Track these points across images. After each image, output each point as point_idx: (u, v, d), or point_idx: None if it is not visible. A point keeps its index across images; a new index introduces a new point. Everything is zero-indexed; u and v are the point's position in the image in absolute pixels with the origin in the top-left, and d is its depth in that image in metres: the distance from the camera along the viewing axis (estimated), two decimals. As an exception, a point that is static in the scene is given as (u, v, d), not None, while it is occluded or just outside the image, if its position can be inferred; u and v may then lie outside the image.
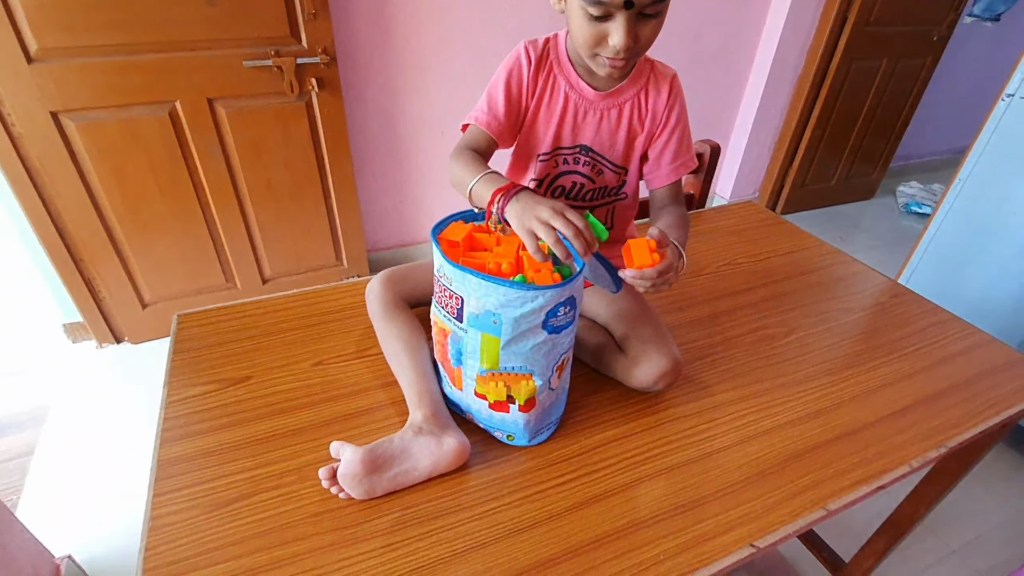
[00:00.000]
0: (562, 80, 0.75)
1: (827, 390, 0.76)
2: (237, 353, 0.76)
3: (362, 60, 1.78)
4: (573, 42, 0.71)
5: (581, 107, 0.76)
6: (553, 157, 0.78)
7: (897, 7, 2.44)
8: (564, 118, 0.76)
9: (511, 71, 0.75)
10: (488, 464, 0.64)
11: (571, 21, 0.67)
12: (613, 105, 0.76)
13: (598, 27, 0.64)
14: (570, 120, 0.76)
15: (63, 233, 1.58)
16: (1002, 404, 0.75)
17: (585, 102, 0.75)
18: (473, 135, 0.75)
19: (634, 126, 0.78)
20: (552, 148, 0.77)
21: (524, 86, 0.75)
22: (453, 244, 0.61)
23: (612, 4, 0.61)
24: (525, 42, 0.75)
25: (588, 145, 0.78)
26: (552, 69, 0.75)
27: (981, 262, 1.64)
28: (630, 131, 0.78)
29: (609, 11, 0.62)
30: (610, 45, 0.64)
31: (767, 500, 0.61)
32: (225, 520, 0.56)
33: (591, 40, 0.65)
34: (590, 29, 0.64)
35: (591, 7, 0.62)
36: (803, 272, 1.01)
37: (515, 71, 0.74)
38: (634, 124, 0.78)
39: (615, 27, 0.63)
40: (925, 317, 0.91)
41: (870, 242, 2.77)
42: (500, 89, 0.74)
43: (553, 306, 0.56)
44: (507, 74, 0.75)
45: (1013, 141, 1.51)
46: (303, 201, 1.83)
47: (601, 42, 0.65)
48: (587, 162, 0.79)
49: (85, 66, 1.39)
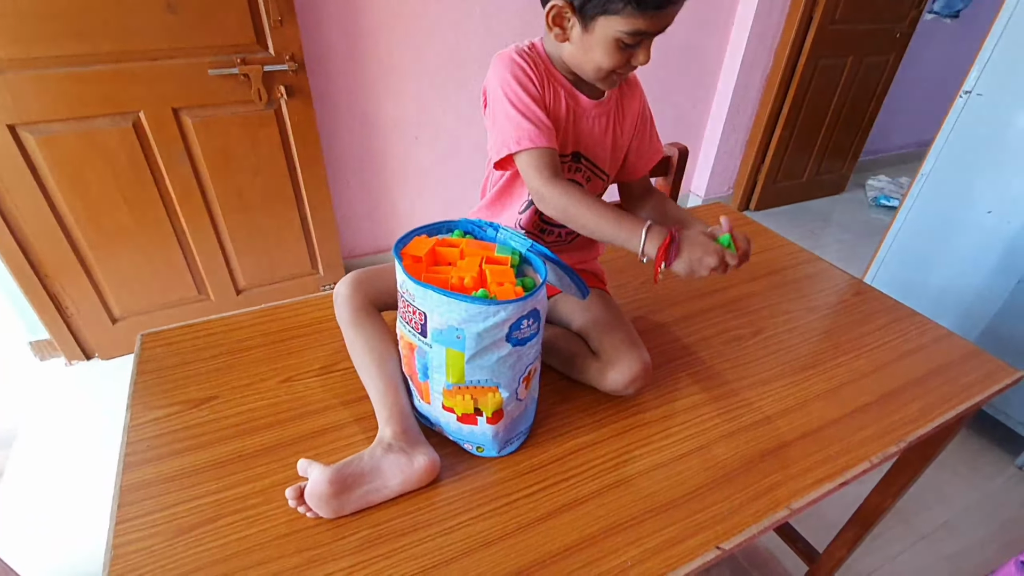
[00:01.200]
0: (560, 88, 0.74)
1: (791, 389, 0.78)
2: (202, 373, 0.74)
3: (332, 66, 1.77)
4: (585, 65, 0.70)
5: (577, 114, 0.76)
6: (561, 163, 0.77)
7: (860, 6, 2.49)
8: (565, 126, 0.75)
9: (521, 81, 0.70)
10: (458, 477, 0.64)
11: (591, 51, 0.68)
12: (602, 112, 0.78)
13: (626, 55, 0.68)
14: (570, 127, 0.76)
15: (25, 248, 1.53)
16: (958, 397, 0.78)
17: (580, 109, 0.76)
18: (546, 160, 0.69)
19: (617, 131, 0.80)
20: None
21: (537, 90, 0.71)
22: (416, 259, 0.61)
23: (652, 32, 0.66)
24: (512, 51, 0.72)
25: (580, 152, 0.79)
26: (548, 77, 0.73)
27: (944, 255, 1.69)
28: (614, 136, 0.80)
29: (644, 39, 0.66)
30: (634, 65, 0.69)
31: (732, 502, 0.62)
32: (189, 546, 0.55)
33: (618, 64, 0.68)
34: (619, 57, 0.68)
35: (629, 38, 0.65)
36: (770, 272, 1.03)
37: (525, 79, 0.71)
38: (617, 129, 0.80)
39: (642, 51, 0.68)
40: (886, 314, 0.94)
41: (841, 236, 2.83)
42: (530, 101, 0.70)
43: (516, 319, 0.56)
44: (520, 86, 0.70)
45: (972, 137, 1.55)
46: (276, 210, 1.81)
47: (625, 65, 0.69)
48: (579, 169, 0.80)
49: (42, 77, 1.35)
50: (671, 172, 1.20)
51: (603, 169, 0.81)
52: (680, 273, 0.65)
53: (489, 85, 0.73)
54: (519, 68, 0.71)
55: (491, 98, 0.73)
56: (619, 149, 0.82)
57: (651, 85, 0.71)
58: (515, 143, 0.69)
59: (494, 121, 0.72)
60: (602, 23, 0.65)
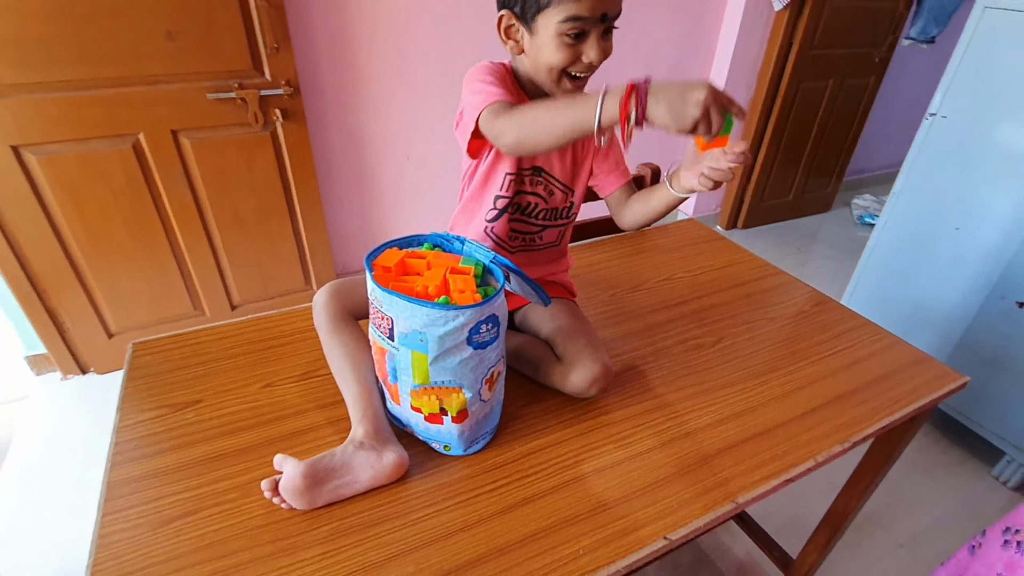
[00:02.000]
0: (521, 101, 0.77)
1: (747, 394, 0.82)
2: (189, 378, 0.79)
3: (326, 89, 1.84)
4: (540, 72, 0.74)
5: None
6: (520, 176, 0.82)
7: (839, 31, 2.59)
8: None
9: (488, 78, 0.73)
10: (425, 474, 0.68)
11: (540, 54, 0.72)
12: None
13: (574, 49, 0.70)
14: None
15: (24, 264, 1.58)
16: (906, 399, 0.82)
17: None
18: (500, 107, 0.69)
19: (578, 149, 0.85)
20: (517, 168, 0.81)
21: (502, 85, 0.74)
22: (386, 269, 0.65)
23: (590, 20, 0.67)
24: (486, 62, 0.77)
25: (540, 166, 0.83)
26: (512, 91, 0.77)
27: (918, 271, 1.74)
28: (575, 154, 0.85)
29: (585, 28, 0.68)
30: (585, 62, 0.71)
31: (682, 496, 0.66)
32: (169, 536, 0.59)
33: (567, 61, 0.71)
34: (566, 53, 0.70)
35: (569, 27, 0.67)
36: (736, 284, 1.08)
37: (491, 77, 0.73)
38: (578, 148, 0.85)
39: (590, 45, 0.70)
40: (843, 323, 0.98)
41: (827, 252, 2.89)
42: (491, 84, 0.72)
43: (474, 324, 0.60)
44: (486, 80, 0.73)
45: (938, 157, 1.62)
46: (270, 228, 1.86)
47: (575, 61, 0.71)
48: (540, 183, 0.84)
49: (45, 100, 1.42)
50: (644, 190, 1.26)
51: (563, 183, 0.85)
52: (660, 120, 0.57)
53: (462, 95, 0.76)
54: (487, 71, 0.75)
55: (464, 98, 0.75)
56: (579, 164, 0.86)
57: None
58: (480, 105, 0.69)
59: (464, 109, 0.74)
60: (542, 22, 0.69)
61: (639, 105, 0.57)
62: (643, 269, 1.11)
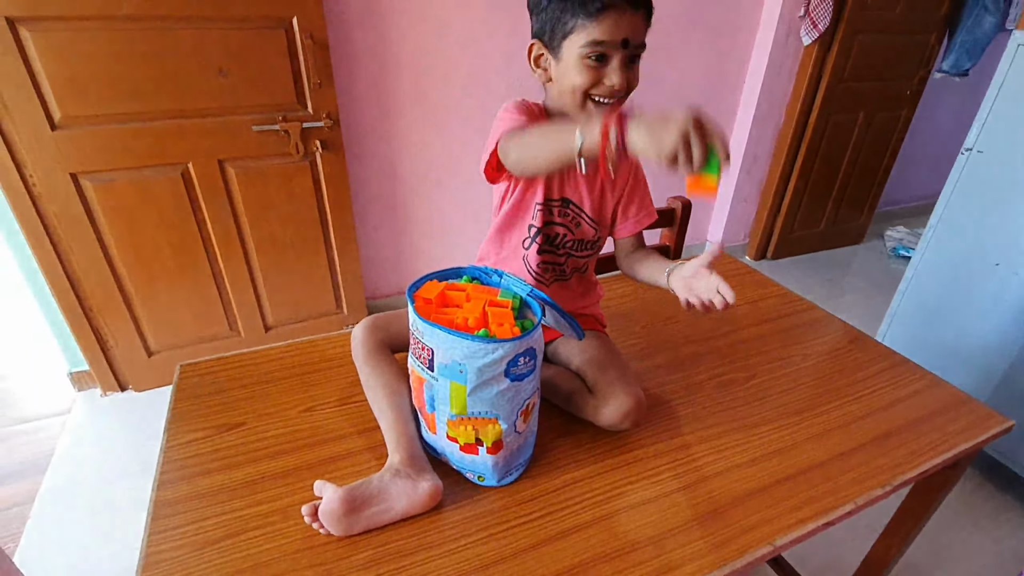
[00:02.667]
0: None
1: (782, 432, 0.81)
2: (233, 401, 0.82)
3: (364, 122, 1.92)
4: (565, 96, 0.77)
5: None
6: (548, 206, 0.85)
7: (869, 65, 2.59)
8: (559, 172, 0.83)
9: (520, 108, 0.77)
10: (459, 504, 0.69)
11: (565, 77, 0.75)
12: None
13: (596, 73, 0.72)
14: (561, 174, 0.84)
15: (75, 285, 1.66)
16: (948, 443, 0.80)
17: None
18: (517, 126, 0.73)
19: (606, 187, 0.88)
20: (545, 198, 0.84)
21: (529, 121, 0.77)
22: (427, 301, 0.68)
23: (611, 43, 0.70)
24: (516, 100, 0.80)
25: (569, 198, 0.86)
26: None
27: (956, 308, 1.70)
28: (603, 190, 0.87)
29: (608, 51, 0.71)
30: (607, 84, 0.73)
31: (717, 537, 0.65)
32: (213, 557, 0.60)
33: (589, 82, 0.73)
34: (589, 74, 0.72)
35: (591, 49, 0.70)
36: (767, 319, 1.07)
37: (523, 109, 0.78)
38: (606, 185, 0.87)
39: (612, 68, 0.72)
40: (879, 361, 0.97)
41: (858, 285, 2.84)
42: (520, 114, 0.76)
43: (513, 356, 0.62)
44: (517, 109, 0.77)
45: (975, 192, 1.59)
46: (306, 253, 1.92)
47: (598, 84, 0.73)
48: (568, 214, 0.87)
49: (104, 132, 1.51)
50: (675, 223, 1.28)
51: (591, 216, 0.88)
52: (640, 145, 0.56)
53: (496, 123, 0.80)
54: (517, 106, 0.79)
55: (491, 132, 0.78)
56: (607, 200, 0.89)
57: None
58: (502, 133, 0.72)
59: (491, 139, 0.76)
60: (567, 47, 0.73)
61: (620, 129, 0.56)
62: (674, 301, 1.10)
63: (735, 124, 2.67)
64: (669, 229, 1.31)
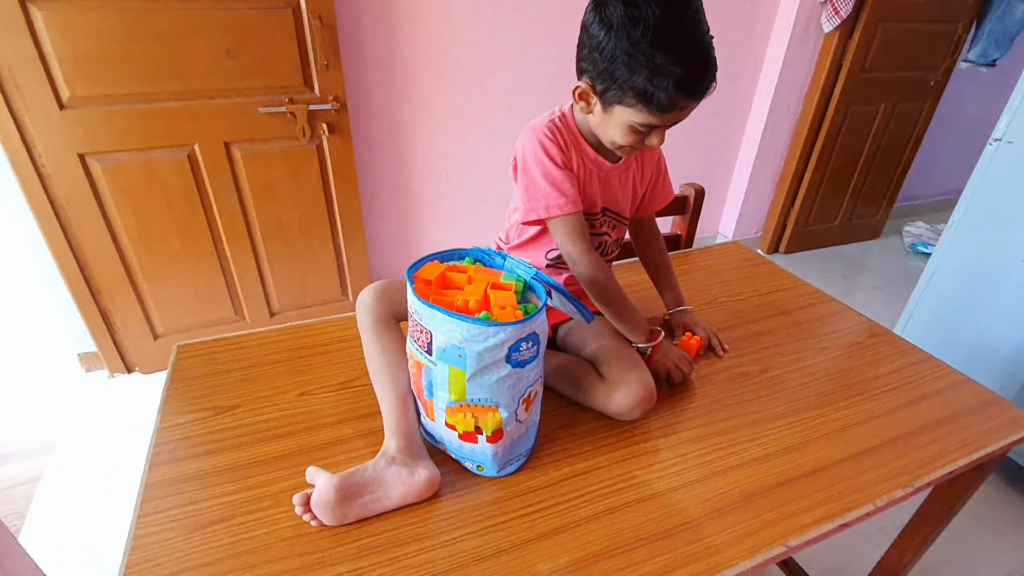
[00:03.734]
0: (585, 156, 0.82)
1: (797, 428, 0.77)
2: (229, 383, 0.80)
3: (371, 106, 1.89)
4: (605, 139, 0.78)
5: (602, 177, 0.84)
6: (590, 221, 0.86)
7: (892, 54, 2.51)
8: (592, 187, 0.83)
9: (549, 154, 0.77)
10: (457, 494, 0.66)
11: (607, 128, 0.75)
12: (623, 171, 0.86)
13: (639, 136, 0.73)
14: (597, 189, 0.84)
15: (83, 267, 1.66)
16: (974, 444, 0.76)
17: (603, 173, 0.84)
18: (578, 229, 0.78)
19: (636, 183, 0.89)
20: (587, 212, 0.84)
21: (564, 162, 0.78)
22: (426, 282, 0.65)
23: (660, 126, 0.71)
24: (540, 129, 0.78)
25: (608, 207, 0.87)
26: (572, 148, 0.80)
27: (978, 306, 1.64)
28: (634, 188, 0.89)
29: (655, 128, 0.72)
30: (646, 145, 0.75)
31: (728, 535, 0.62)
32: (203, 541, 0.59)
33: (632, 145, 0.75)
34: (633, 139, 0.74)
35: (642, 127, 0.71)
36: (783, 312, 1.03)
37: (551, 153, 0.77)
38: (636, 182, 0.89)
39: (656, 135, 0.73)
40: (901, 357, 0.92)
41: (874, 282, 2.77)
42: (554, 172, 0.77)
43: (515, 341, 0.59)
44: (548, 158, 0.77)
45: (1001, 186, 1.53)
46: (312, 238, 1.91)
47: (639, 144, 0.75)
48: (607, 221, 0.88)
49: (112, 112, 1.50)
50: (687, 211, 1.24)
51: (622, 215, 0.90)
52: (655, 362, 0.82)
53: (519, 155, 0.81)
54: (549, 141, 0.78)
55: (522, 167, 0.80)
56: (638, 198, 0.92)
57: (679, 126, 0.74)
58: (545, 210, 0.78)
59: (526, 187, 0.79)
60: (619, 110, 0.72)
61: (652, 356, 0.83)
62: (686, 291, 1.07)
63: (751, 114, 2.60)
64: (681, 217, 1.27)
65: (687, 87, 0.67)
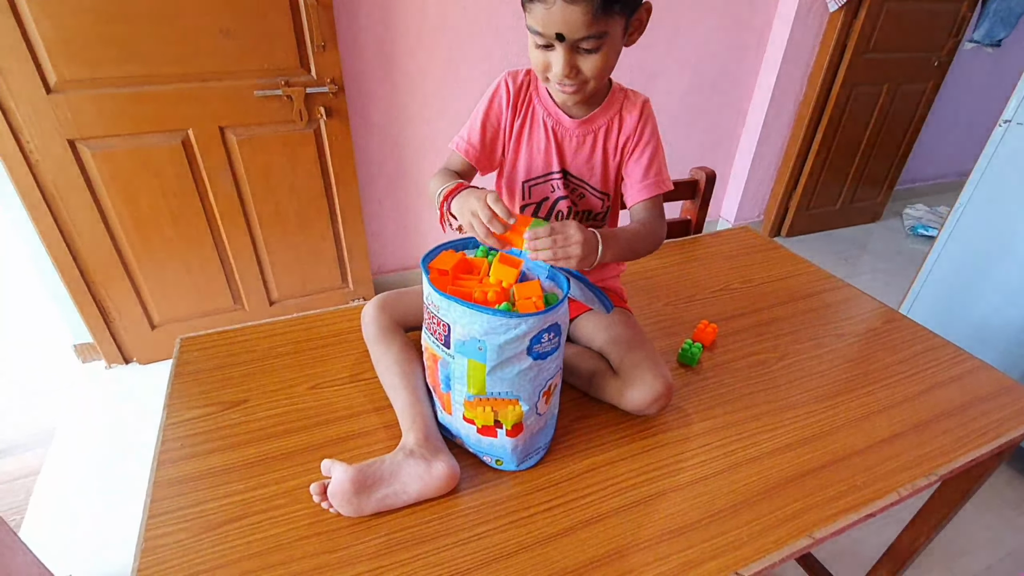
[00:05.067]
0: (540, 108, 0.79)
1: (817, 416, 0.76)
2: (235, 376, 0.77)
3: (369, 89, 1.84)
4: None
5: (559, 133, 0.80)
6: (546, 182, 0.81)
7: (896, 34, 2.47)
8: (547, 145, 0.80)
9: (491, 101, 0.80)
10: (476, 488, 0.64)
11: (529, 49, 0.72)
12: (588, 132, 0.80)
13: (545, 56, 0.69)
14: (552, 147, 0.80)
15: (76, 256, 1.62)
16: (994, 431, 0.75)
17: (562, 129, 0.79)
18: (452, 160, 0.82)
19: (608, 151, 0.81)
20: (540, 174, 0.81)
21: (503, 115, 0.79)
22: (442, 272, 0.63)
23: (546, 36, 0.66)
24: (507, 73, 0.80)
25: (567, 170, 0.82)
26: (532, 99, 0.79)
27: (984, 288, 1.63)
28: (604, 155, 0.81)
29: (548, 42, 0.67)
30: (552, 72, 0.70)
31: (753, 528, 0.61)
32: (215, 542, 0.57)
33: (540, 67, 0.71)
34: (539, 57, 0.70)
35: (533, 36, 0.68)
36: (797, 298, 1.02)
37: (495, 101, 0.80)
38: (608, 149, 0.81)
39: (555, 57, 0.68)
40: (918, 343, 0.91)
41: (876, 264, 2.76)
42: (479, 118, 0.80)
43: (536, 333, 0.57)
44: (487, 104, 0.80)
45: (1012, 167, 1.51)
46: (310, 225, 1.87)
47: (547, 69, 0.70)
48: (568, 185, 0.82)
49: (102, 96, 1.45)
50: (698, 196, 1.21)
51: (595, 187, 0.82)
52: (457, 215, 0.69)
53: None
54: (495, 91, 0.79)
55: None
56: (611, 168, 0.82)
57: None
58: (451, 142, 0.81)
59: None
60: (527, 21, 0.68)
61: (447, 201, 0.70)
62: (698, 278, 1.06)
63: (754, 94, 2.56)
64: (691, 202, 1.25)
65: None
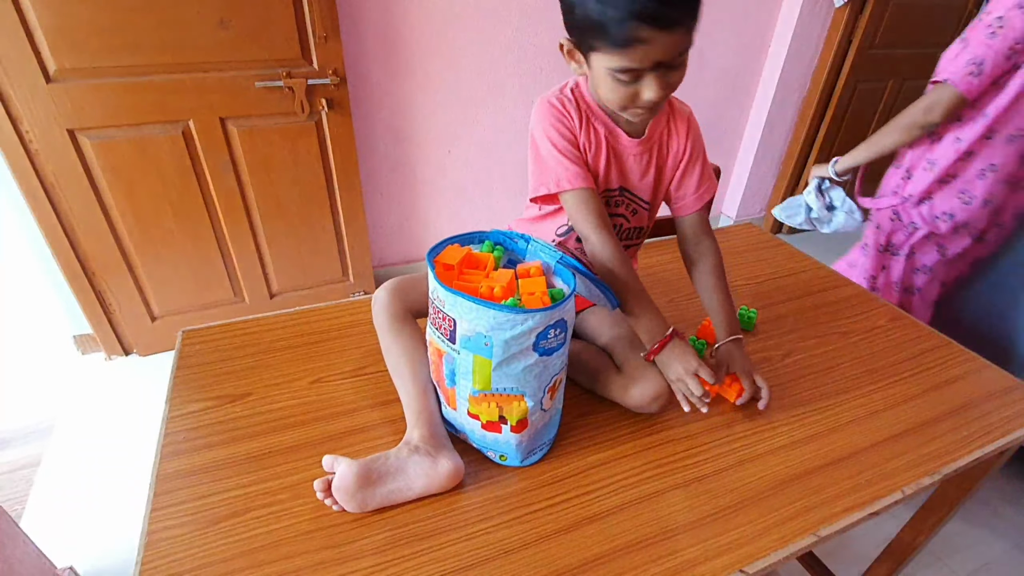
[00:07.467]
0: (601, 128, 0.76)
1: (822, 414, 0.76)
2: (238, 370, 0.77)
3: (371, 80, 1.83)
4: (602, 100, 0.72)
5: (619, 153, 0.78)
6: (606, 199, 0.80)
7: (902, 30, 2.46)
8: (609, 163, 0.77)
9: (555, 126, 0.74)
10: (481, 484, 0.64)
11: (598, 87, 0.70)
12: (644, 150, 0.79)
13: (632, 87, 0.65)
14: (612, 166, 0.78)
15: (76, 247, 1.61)
16: (997, 431, 0.75)
17: (621, 148, 0.78)
18: (591, 204, 0.73)
19: (661, 165, 0.81)
20: (602, 191, 0.79)
21: (578, 136, 0.75)
22: (448, 267, 0.62)
23: (643, 69, 0.63)
24: (548, 99, 0.75)
25: (625, 187, 0.81)
26: (590, 118, 0.75)
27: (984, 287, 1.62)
28: (659, 172, 0.81)
29: (640, 74, 0.64)
30: (644, 99, 0.66)
31: (757, 525, 0.61)
32: (219, 536, 0.57)
33: (625, 100, 0.67)
34: (622, 91, 0.66)
35: (621, 75, 0.64)
36: (802, 295, 1.01)
37: (563, 125, 0.74)
38: (661, 163, 0.81)
39: (647, 84, 0.65)
40: (922, 342, 0.91)
41: (877, 262, 2.76)
42: (561, 143, 0.73)
43: (543, 328, 0.57)
44: (555, 131, 0.74)
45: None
46: (311, 218, 1.86)
47: (635, 99, 0.67)
48: (622, 202, 0.82)
49: (101, 86, 1.44)
50: (702, 191, 1.20)
51: (646, 201, 0.83)
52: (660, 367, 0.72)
53: (532, 130, 0.77)
54: (555, 112, 0.74)
55: (531, 141, 0.77)
56: (663, 183, 0.83)
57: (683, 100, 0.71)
58: (555, 184, 0.74)
59: (534, 161, 0.77)
60: (594, 59, 0.66)
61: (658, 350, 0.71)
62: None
63: (757, 90, 2.55)
64: (695, 198, 1.24)
65: (644, 13, 0.58)
